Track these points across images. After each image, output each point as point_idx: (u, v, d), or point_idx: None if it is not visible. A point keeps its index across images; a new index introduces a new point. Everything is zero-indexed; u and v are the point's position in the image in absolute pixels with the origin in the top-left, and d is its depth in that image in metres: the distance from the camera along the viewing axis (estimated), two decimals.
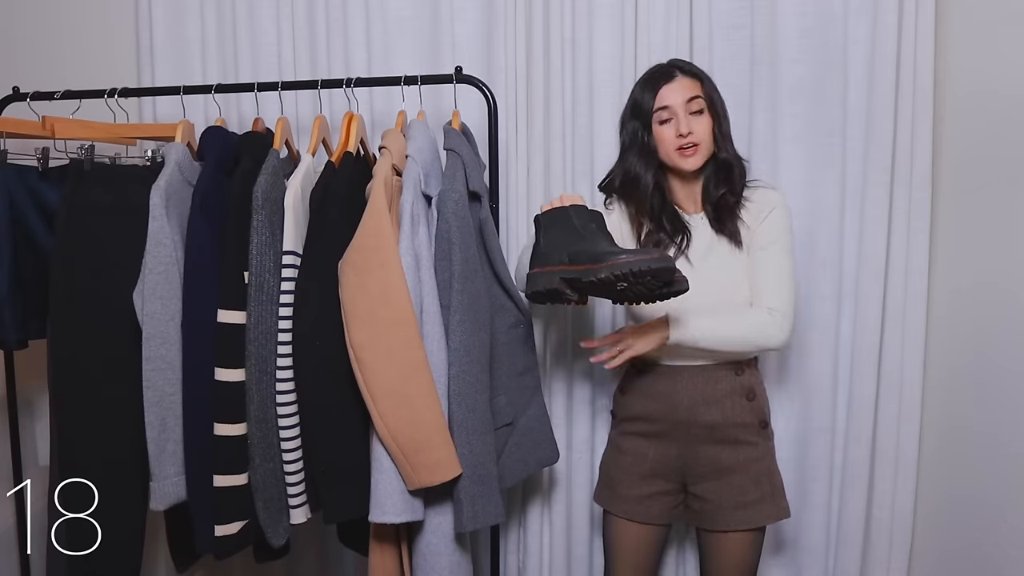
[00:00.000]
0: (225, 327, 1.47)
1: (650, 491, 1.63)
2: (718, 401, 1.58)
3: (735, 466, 1.57)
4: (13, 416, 1.90)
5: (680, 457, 1.61)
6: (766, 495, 1.58)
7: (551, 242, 1.42)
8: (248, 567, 2.08)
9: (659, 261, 1.30)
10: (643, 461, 1.63)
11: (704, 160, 1.54)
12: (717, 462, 1.58)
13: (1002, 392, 1.58)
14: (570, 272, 1.36)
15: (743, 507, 1.56)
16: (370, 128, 1.95)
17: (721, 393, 1.58)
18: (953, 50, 1.75)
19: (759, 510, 1.57)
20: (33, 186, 1.68)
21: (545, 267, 1.41)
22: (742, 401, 1.58)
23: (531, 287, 1.42)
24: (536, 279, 1.41)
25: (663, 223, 1.58)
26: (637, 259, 1.29)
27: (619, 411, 1.70)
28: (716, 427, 1.57)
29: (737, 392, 1.58)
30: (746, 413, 1.58)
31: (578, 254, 1.37)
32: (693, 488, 1.61)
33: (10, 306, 1.64)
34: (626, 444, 1.66)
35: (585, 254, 1.36)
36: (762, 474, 1.58)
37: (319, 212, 1.51)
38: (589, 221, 1.42)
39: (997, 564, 1.59)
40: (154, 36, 2.03)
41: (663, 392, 1.60)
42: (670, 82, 1.52)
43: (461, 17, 1.96)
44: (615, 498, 1.66)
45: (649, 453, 1.63)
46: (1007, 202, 1.56)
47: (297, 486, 1.51)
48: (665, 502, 1.64)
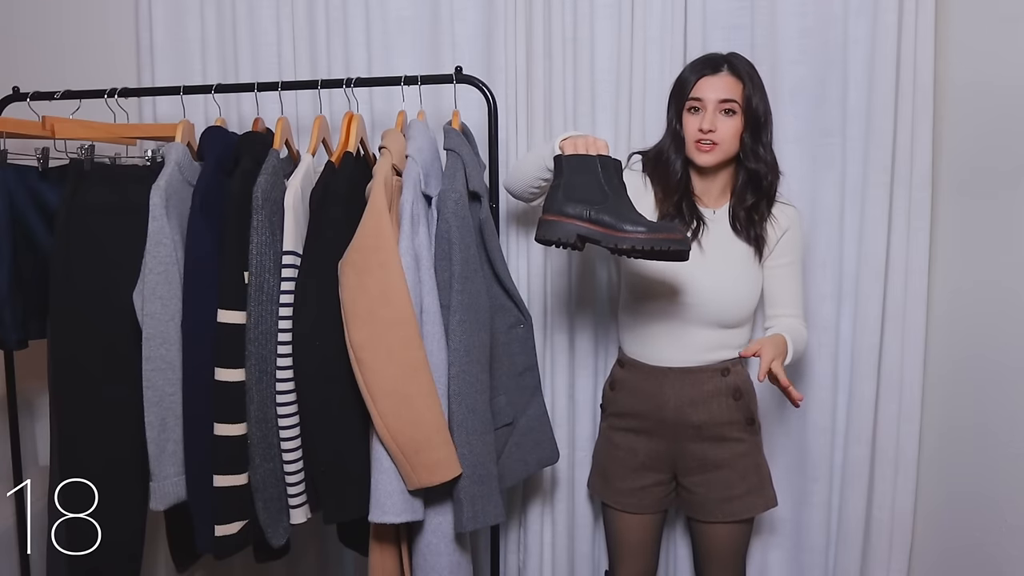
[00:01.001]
0: (225, 327, 1.47)
1: (643, 483, 1.65)
2: (704, 402, 1.60)
3: (721, 462, 1.60)
4: (13, 416, 1.90)
5: (669, 452, 1.64)
6: (753, 488, 1.61)
7: (572, 191, 1.39)
8: (248, 567, 2.08)
9: (679, 243, 1.34)
10: (635, 455, 1.65)
11: (719, 160, 1.55)
12: (704, 458, 1.61)
13: (1002, 391, 1.58)
14: (591, 231, 1.36)
15: (729, 500, 1.60)
16: (370, 128, 1.95)
17: (707, 394, 1.60)
18: (953, 50, 1.75)
19: (745, 503, 1.61)
20: (33, 186, 1.68)
21: (562, 216, 1.37)
22: (728, 401, 1.61)
23: (546, 234, 1.38)
24: (552, 227, 1.38)
25: (682, 210, 1.59)
26: (659, 237, 1.33)
27: (608, 406, 1.72)
28: (703, 427, 1.60)
29: (723, 393, 1.60)
30: (732, 412, 1.61)
31: (601, 215, 1.36)
32: (683, 480, 1.65)
33: (10, 306, 1.64)
34: (617, 438, 1.68)
35: (609, 217, 1.36)
36: (749, 468, 1.62)
37: (319, 212, 1.51)
38: (613, 175, 1.41)
39: (997, 563, 1.59)
40: (154, 36, 2.03)
41: (650, 392, 1.62)
42: (713, 75, 1.54)
43: (461, 17, 1.96)
44: (610, 490, 1.69)
45: (640, 448, 1.65)
46: (1007, 202, 1.56)
47: (297, 486, 1.51)
48: (658, 492, 1.67)
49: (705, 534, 1.66)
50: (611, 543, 1.73)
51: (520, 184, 1.59)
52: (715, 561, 1.67)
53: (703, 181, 1.62)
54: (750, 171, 1.57)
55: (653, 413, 1.62)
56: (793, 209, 1.64)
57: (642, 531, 1.69)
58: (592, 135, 1.43)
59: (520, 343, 1.66)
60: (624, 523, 1.68)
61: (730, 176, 1.62)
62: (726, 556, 1.66)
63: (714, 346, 1.60)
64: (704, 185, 1.63)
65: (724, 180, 1.62)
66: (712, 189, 1.62)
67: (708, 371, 1.60)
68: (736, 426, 1.61)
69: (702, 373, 1.60)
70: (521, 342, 1.66)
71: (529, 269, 1.95)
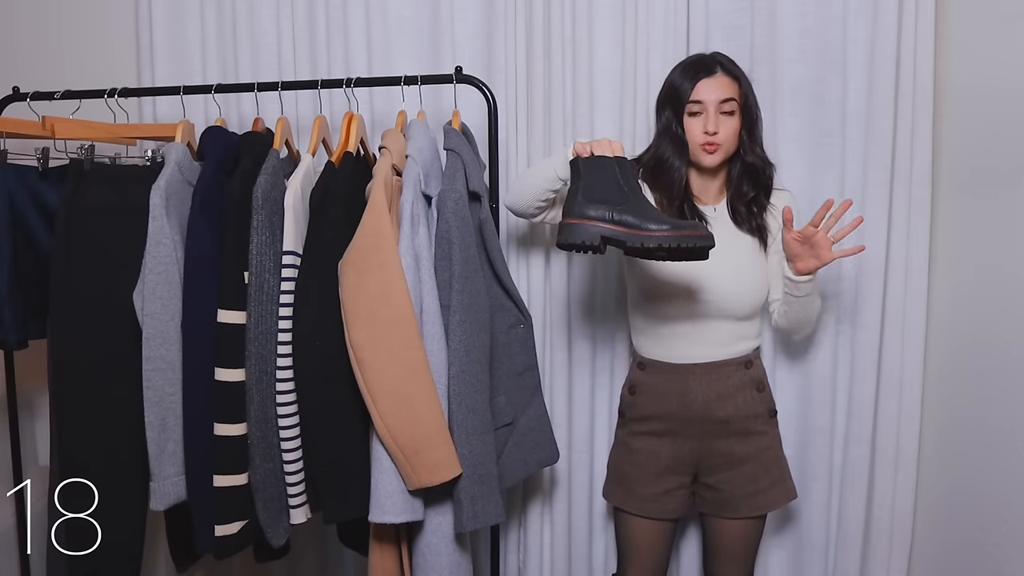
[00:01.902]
0: (225, 327, 1.47)
1: (665, 488, 1.65)
2: (731, 396, 1.61)
3: (747, 456, 1.62)
4: (13, 416, 1.90)
5: (694, 452, 1.64)
6: (776, 480, 1.64)
7: (591, 193, 1.37)
8: (248, 567, 2.08)
9: (704, 240, 1.34)
10: (657, 460, 1.65)
11: (723, 160, 1.58)
12: (730, 454, 1.62)
13: (1002, 391, 1.58)
14: (615, 232, 1.35)
15: (754, 495, 1.62)
16: (370, 128, 1.95)
17: (733, 388, 1.61)
18: (953, 49, 1.75)
19: (769, 496, 1.63)
20: (33, 186, 1.68)
21: (584, 219, 1.36)
22: (753, 393, 1.63)
23: (568, 237, 1.36)
24: (575, 230, 1.35)
25: (683, 211, 1.60)
26: (685, 235, 1.33)
27: (628, 411, 1.70)
28: (730, 421, 1.61)
29: (748, 385, 1.62)
30: (757, 404, 1.63)
31: (624, 215, 1.35)
32: (705, 479, 1.65)
33: (10, 306, 1.64)
34: (637, 444, 1.67)
35: (632, 217, 1.35)
36: (771, 461, 1.64)
37: (319, 212, 1.51)
38: (631, 176, 1.40)
39: (997, 563, 1.59)
40: (154, 36, 2.03)
41: (676, 391, 1.62)
42: (709, 77, 1.54)
43: (461, 17, 1.96)
44: (631, 496, 1.67)
45: (662, 451, 1.64)
46: (1007, 200, 1.56)
47: (297, 486, 1.51)
48: (679, 496, 1.66)
49: (723, 530, 1.66)
50: (622, 546, 1.72)
51: (526, 199, 1.55)
52: (728, 557, 1.67)
53: (703, 180, 1.64)
54: (747, 165, 1.59)
55: (679, 413, 1.62)
56: (788, 193, 1.69)
57: (658, 536, 1.68)
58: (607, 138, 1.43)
59: (520, 343, 1.66)
60: (641, 528, 1.67)
61: (726, 172, 1.64)
62: (739, 552, 1.67)
63: (736, 338, 1.62)
64: (703, 184, 1.64)
65: (723, 177, 1.65)
66: (711, 187, 1.64)
67: (732, 364, 1.62)
68: (760, 419, 1.63)
69: (727, 367, 1.61)
70: (521, 342, 1.66)
71: (529, 269, 1.95)
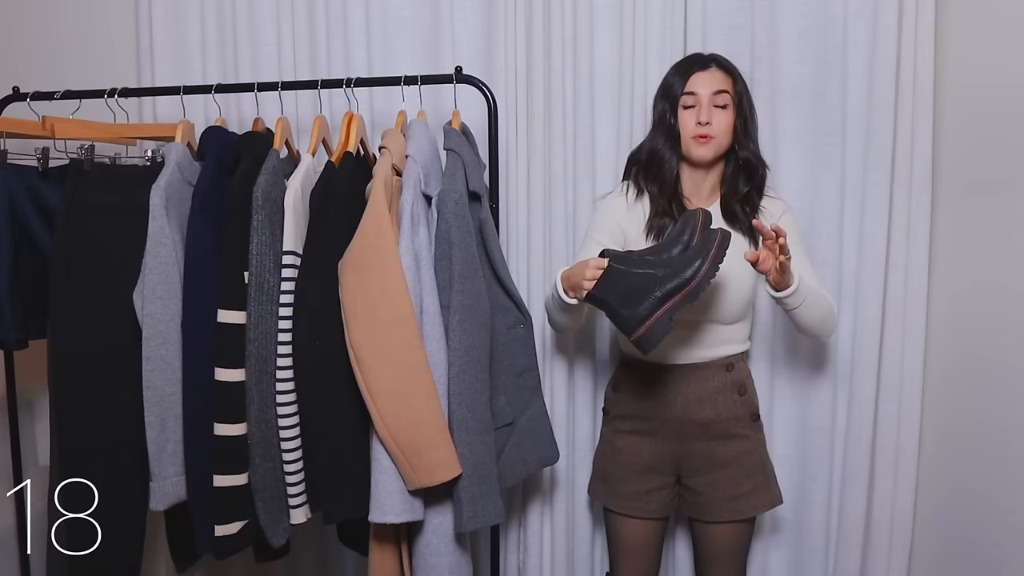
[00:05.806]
0: (225, 327, 1.47)
1: (647, 487, 1.65)
2: (710, 398, 1.60)
3: (728, 460, 1.60)
4: (13, 416, 1.90)
5: (674, 453, 1.63)
6: (759, 485, 1.62)
7: (627, 301, 1.39)
8: (248, 567, 2.08)
9: (727, 243, 1.38)
10: (638, 458, 1.65)
11: (715, 154, 1.57)
12: (711, 457, 1.61)
13: (1002, 391, 1.58)
14: (674, 306, 1.37)
15: (736, 499, 1.60)
16: (370, 128, 1.95)
17: (713, 390, 1.60)
18: (953, 50, 1.75)
19: (751, 501, 1.61)
20: (33, 186, 1.68)
21: (644, 323, 1.37)
22: (734, 396, 1.62)
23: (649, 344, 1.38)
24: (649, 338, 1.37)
25: (671, 210, 1.60)
26: (716, 255, 1.37)
27: (612, 408, 1.71)
28: (709, 424, 1.60)
29: (728, 388, 1.61)
30: (738, 407, 1.62)
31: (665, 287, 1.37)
32: (687, 481, 1.64)
33: (10, 306, 1.64)
34: (620, 442, 1.67)
35: (671, 282, 1.37)
36: (755, 465, 1.62)
37: (319, 212, 1.51)
38: (633, 259, 1.42)
39: (997, 563, 1.59)
40: (154, 36, 2.03)
41: (656, 391, 1.62)
42: (703, 71, 1.56)
43: (461, 17, 1.96)
44: (613, 495, 1.68)
45: (644, 450, 1.64)
46: (1007, 201, 1.56)
47: (297, 486, 1.51)
48: (662, 496, 1.66)
49: (708, 535, 1.65)
50: (613, 547, 1.72)
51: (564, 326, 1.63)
52: (717, 562, 1.67)
53: (694, 179, 1.62)
54: (742, 161, 1.59)
55: (658, 413, 1.62)
56: (781, 200, 1.68)
57: (645, 535, 1.68)
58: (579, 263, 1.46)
59: (520, 343, 1.66)
60: (627, 528, 1.67)
61: (720, 172, 1.63)
62: (728, 557, 1.66)
63: (719, 341, 1.61)
64: (695, 184, 1.63)
65: (715, 177, 1.63)
66: (703, 187, 1.63)
67: (713, 367, 1.61)
68: (742, 422, 1.62)
69: (707, 369, 1.60)
70: (521, 342, 1.66)
71: (529, 269, 1.95)
